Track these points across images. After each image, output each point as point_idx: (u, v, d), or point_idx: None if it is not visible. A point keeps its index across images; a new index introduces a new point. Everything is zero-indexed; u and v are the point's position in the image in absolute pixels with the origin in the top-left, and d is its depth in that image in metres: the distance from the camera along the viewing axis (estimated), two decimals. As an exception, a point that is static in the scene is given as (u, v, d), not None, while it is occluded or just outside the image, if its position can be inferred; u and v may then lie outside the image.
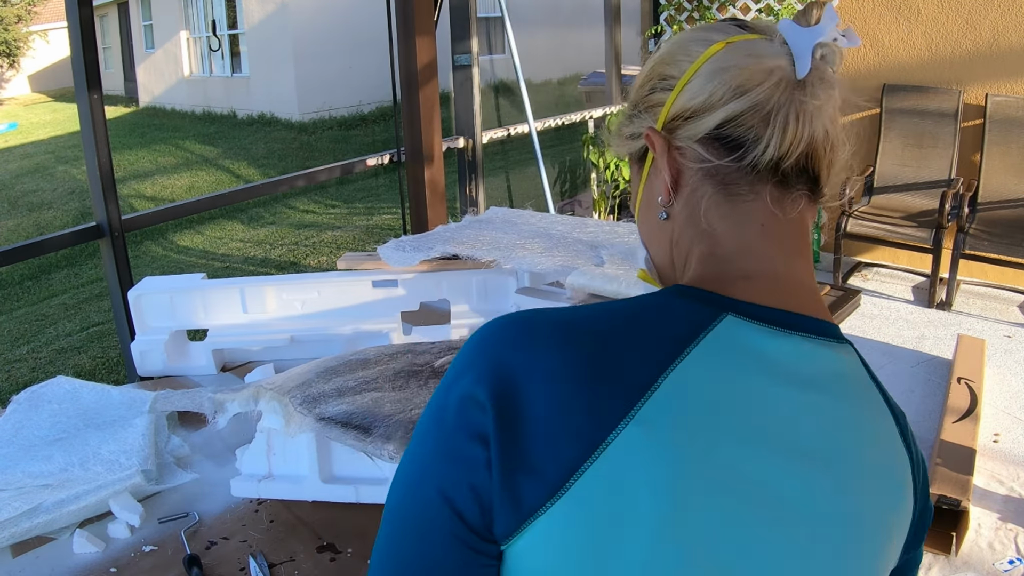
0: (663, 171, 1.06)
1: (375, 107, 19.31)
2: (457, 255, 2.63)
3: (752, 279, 1.01)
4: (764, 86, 0.98)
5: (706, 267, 1.04)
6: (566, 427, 0.87)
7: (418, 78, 5.17)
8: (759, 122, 0.99)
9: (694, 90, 1.02)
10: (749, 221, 1.03)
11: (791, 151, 0.99)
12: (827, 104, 1.02)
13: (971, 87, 6.41)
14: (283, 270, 8.88)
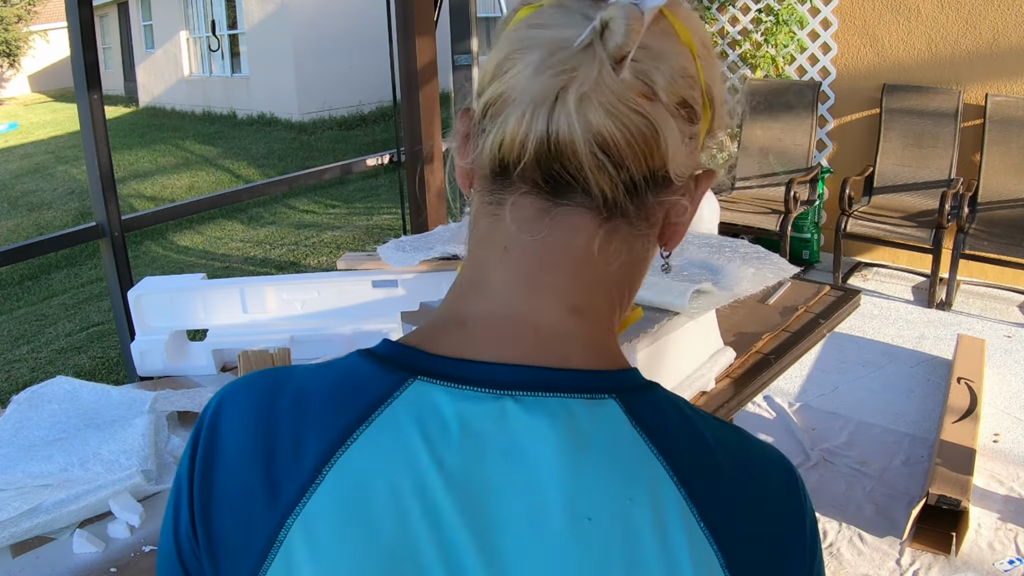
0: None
1: (375, 107, 19.29)
2: (457, 255, 2.63)
3: (467, 324, 0.83)
4: (515, 72, 0.77)
5: (437, 314, 0.86)
6: (245, 512, 0.78)
7: (418, 78, 5.17)
8: (492, 115, 0.79)
9: (481, 70, 0.83)
10: (492, 243, 0.83)
11: (515, 149, 0.76)
12: (598, 91, 0.73)
13: (971, 87, 6.41)
14: (283, 270, 8.88)
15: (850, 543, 3.59)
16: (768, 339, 2.76)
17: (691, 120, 0.80)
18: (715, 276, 2.23)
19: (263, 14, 19.48)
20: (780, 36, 7.09)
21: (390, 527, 0.72)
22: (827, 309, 3.02)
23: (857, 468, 4.14)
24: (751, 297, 2.72)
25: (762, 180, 7.10)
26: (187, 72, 23.43)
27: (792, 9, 7.01)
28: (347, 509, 0.73)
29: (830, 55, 7.02)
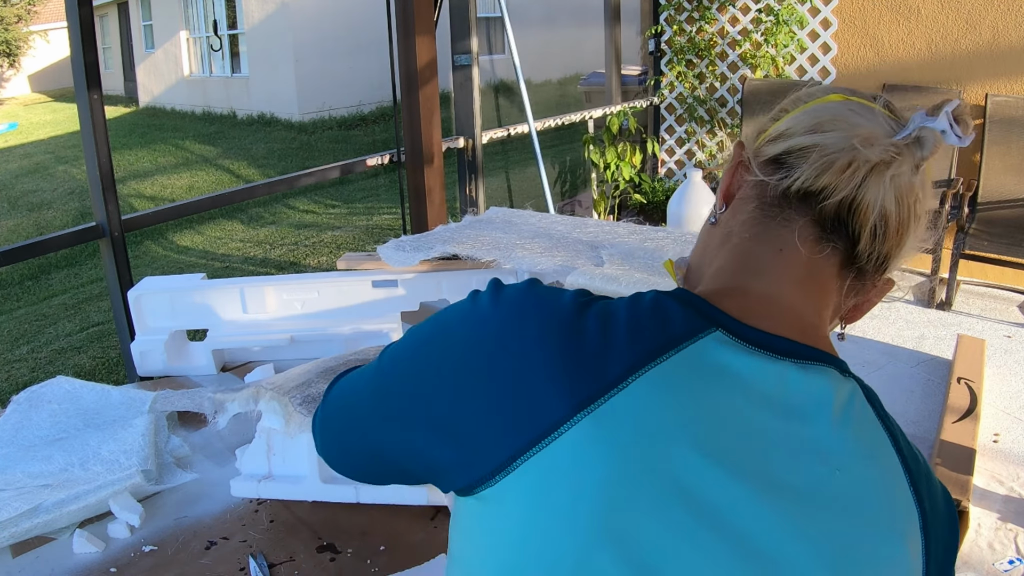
0: (724, 179, 1.14)
1: (375, 107, 19.32)
2: (457, 255, 2.64)
3: (750, 296, 1.03)
4: (837, 134, 1.00)
5: (717, 280, 1.07)
6: (530, 394, 0.89)
7: (418, 78, 5.17)
8: (814, 158, 1.00)
9: (788, 122, 1.07)
10: (770, 241, 1.05)
11: (825, 192, 0.99)
12: (899, 180, 1.00)
13: (971, 87, 6.41)
14: (283, 270, 8.88)
15: (850, 543, 3.59)
16: (768, 339, 2.76)
17: (928, 227, 1.09)
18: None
19: (263, 14, 19.50)
20: (780, 36, 7.09)
21: (665, 451, 0.87)
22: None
23: (857, 468, 4.14)
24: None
25: (762, 180, 7.11)
26: (187, 72, 23.45)
27: (792, 9, 7.01)
28: (637, 420, 0.88)
29: (830, 55, 7.02)
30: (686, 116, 8.07)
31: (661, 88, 8.19)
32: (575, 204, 8.58)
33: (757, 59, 7.33)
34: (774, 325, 0.99)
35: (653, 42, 8.13)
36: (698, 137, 8.04)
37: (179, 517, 1.94)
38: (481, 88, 6.24)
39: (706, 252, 1.15)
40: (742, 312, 0.99)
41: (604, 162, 7.61)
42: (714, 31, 7.65)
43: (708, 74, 7.82)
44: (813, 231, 1.02)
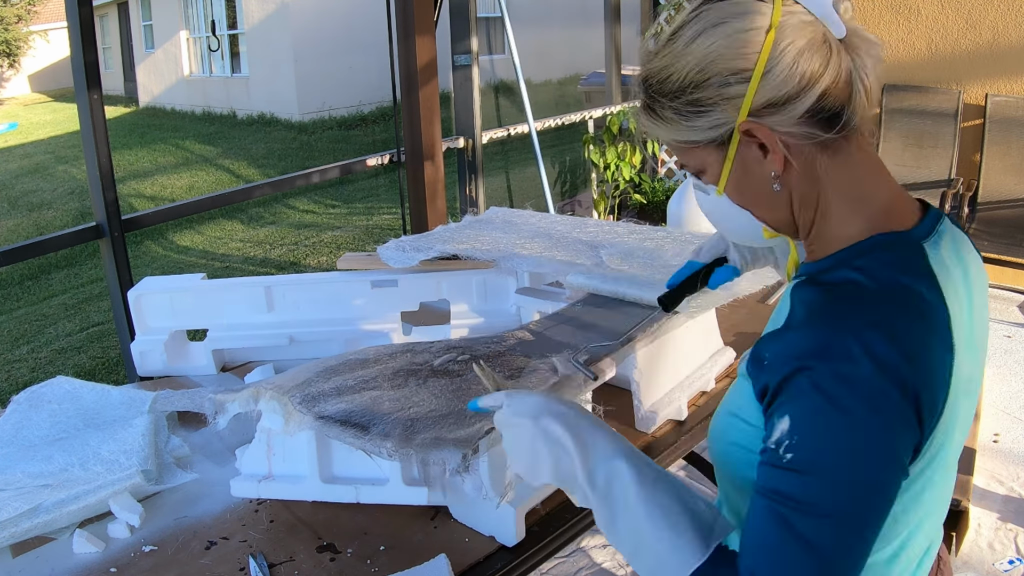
0: (774, 153, 1.19)
1: (375, 107, 19.32)
2: (457, 255, 2.64)
3: (894, 207, 1.25)
4: (832, 57, 1.14)
5: (863, 211, 1.24)
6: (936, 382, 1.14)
7: (418, 78, 5.17)
8: (842, 90, 1.16)
9: (780, 78, 1.14)
10: (851, 160, 1.22)
11: (871, 104, 1.18)
12: (873, 54, 1.18)
13: (971, 87, 6.42)
14: (283, 270, 8.88)
15: (850, 543, 3.59)
16: (768, 339, 2.77)
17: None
18: (715, 276, 2.23)
19: (263, 14, 19.49)
20: (780, 36, 7.08)
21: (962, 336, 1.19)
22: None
23: (857, 468, 4.14)
24: (751, 297, 2.73)
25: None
26: (187, 72, 23.45)
27: None
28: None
29: (830, 55, 7.02)
30: (686, 116, 8.05)
31: (661, 88, 8.18)
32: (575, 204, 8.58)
33: (757, 59, 7.32)
34: (915, 215, 1.27)
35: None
36: (698, 137, 8.03)
37: (179, 517, 1.94)
38: (481, 88, 6.24)
39: (796, 208, 1.26)
40: (905, 221, 1.24)
41: (604, 162, 7.61)
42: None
43: (708, 74, 7.81)
44: (856, 127, 1.20)
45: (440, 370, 1.88)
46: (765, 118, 1.16)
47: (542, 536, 1.83)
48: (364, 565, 1.74)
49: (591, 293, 2.26)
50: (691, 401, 2.33)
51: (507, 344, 1.98)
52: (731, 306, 2.49)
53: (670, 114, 1.23)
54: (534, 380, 1.77)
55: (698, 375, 2.37)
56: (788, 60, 1.12)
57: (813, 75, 1.13)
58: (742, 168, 1.23)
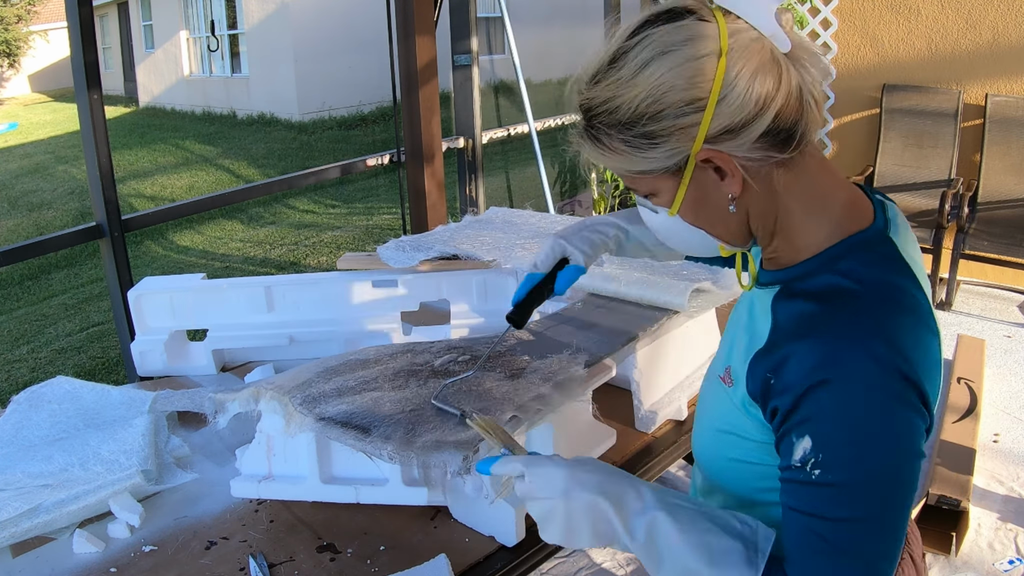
0: (732, 176, 1.19)
1: (375, 107, 19.32)
2: (457, 255, 2.64)
3: (853, 205, 1.26)
4: (783, 75, 1.13)
5: (827, 215, 1.24)
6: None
7: (418, 78, 5.17)
8: (795, 107, 1.15)
9: (736, 104, 1.12)
10: (807, 168, 1.23)
11: (821, 116, 1.19)
12: (819, 65, 1.18)
13: (971, 87, 6.42)
14: (283, 270, 8.88)
15: (850, 543, 3.59)
16: (768, 339, 2.77)
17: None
18: (714, 275, 2.23)
19: (263, 14, 19.50)
20: (780, 36, 7.09)
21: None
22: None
23: (857, 468, 4.14)
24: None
25: (762, 180, 7.11)
26: (187, 72, 23.45)
27: (792, 9, 7.00)
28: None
29: (830, 55, 7.02)
30: (686, 116, 8.07)
31: (661, 88, 8.20)
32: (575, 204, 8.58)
33: (757, 59, 7.33)
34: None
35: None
36: (698, 137, 8.04)
37: (179, 517, 1.94)
38: (481, 88, 6.24)
39: (755, 224, 1.27)
40: (861, 214, 1.26)
41: (604, 162, 7.60)
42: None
43: (708, 74, 7.82)
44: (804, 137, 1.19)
45: (441, 370, 1.88)
46: (722, 144, 1.15)
47: (542, 536, 1.83)
48: (364, 565, 1.74)
49: (591, 293, 2.26)
50: (691, 401, 2.33)
51: (508, 344, 1.98)
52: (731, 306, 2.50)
53: (620, 145, 1.21)
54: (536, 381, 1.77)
55: (698, 375, 2.38)
56: (742, 85, 1.11)
57: (767, 96, 1.12)
58: (697, 192, 1.23)
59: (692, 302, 2.07)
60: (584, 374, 1.82)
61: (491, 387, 1.75)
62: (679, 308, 2.07)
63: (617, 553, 3.57)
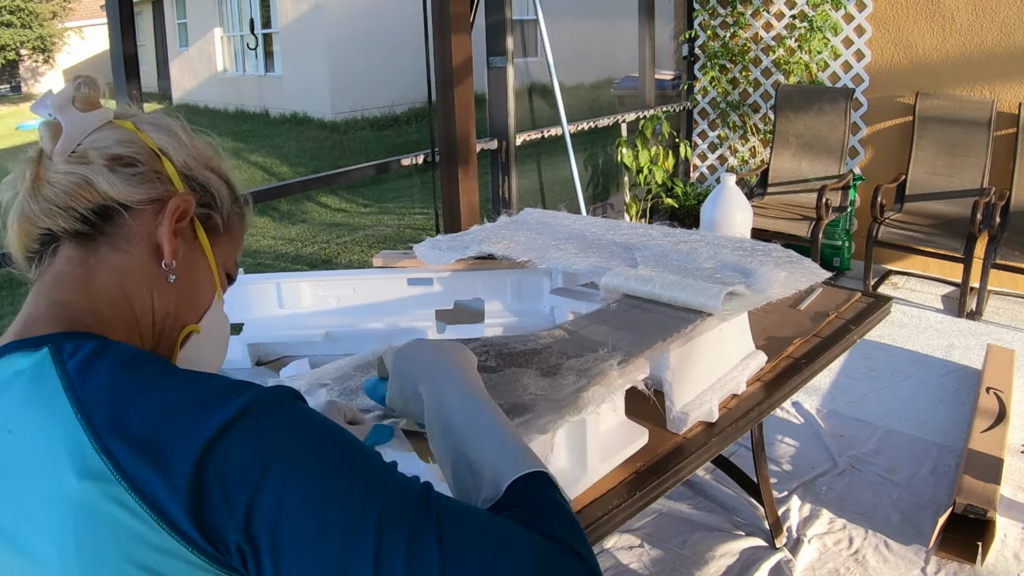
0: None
1: (407, 108, 19.36)
2: (492, 255, 2.66)
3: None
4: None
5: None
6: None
7: (453, 76, 5.19)
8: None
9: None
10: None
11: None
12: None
13: (1005, 95, 6.40)
14: (315, 267, 8.92)
15: (876, 550, 3.59)
16: (799, 344, 2.78)
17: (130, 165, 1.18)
18: (748, 279, 2.24)
19: (297, 13, 19.58)
20: (814, 42, 7.09)
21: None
22: (858, 316, 3.03)
23: (884, 476, 4.15)
24: (783, 301, 2.74)
25: (794, 186, 7.10)
26: (221, 70, 23.56)
27: (826, 15, 7.01)
28: None
29: (863, 62, 7.02)
30: (719, 121, 8.08)
31: (694, 92, 8.21)
32: (607, 207, 8.59)
33: (791, 65, 7.33)
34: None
35: (687, 47, 8.14)
36: (731, 142, 8.05)
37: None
38: (515, 89, 6.26)
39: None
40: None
41: (637, 165, 7.62)
42: (748, 36, 7.66)
43: (741, 79, 7.83)
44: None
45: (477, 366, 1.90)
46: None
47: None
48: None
49: (625, 294, 2.28)
50: (722, 404, 2.35)
51: (542, 342, 2.00)
52: (763, 310, 2.51)
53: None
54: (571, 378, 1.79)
55: (730, 378, 2.39)
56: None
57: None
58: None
59: (726, 305, 2.08)
60: (618, 373, 1.83)
61: (527, 383, 1.77)
62: (713, 310, 2.08)
63: (643, 555, 3.59)
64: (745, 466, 3.80)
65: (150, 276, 1.19)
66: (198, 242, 1.26)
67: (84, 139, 1.17)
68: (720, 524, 3.80)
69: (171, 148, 1.22)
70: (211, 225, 1.28)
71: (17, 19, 30.35)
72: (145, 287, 1.19)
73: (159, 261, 1.19)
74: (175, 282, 1.21)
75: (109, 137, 1.18)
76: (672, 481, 2.08)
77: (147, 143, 1.20)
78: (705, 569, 3.50)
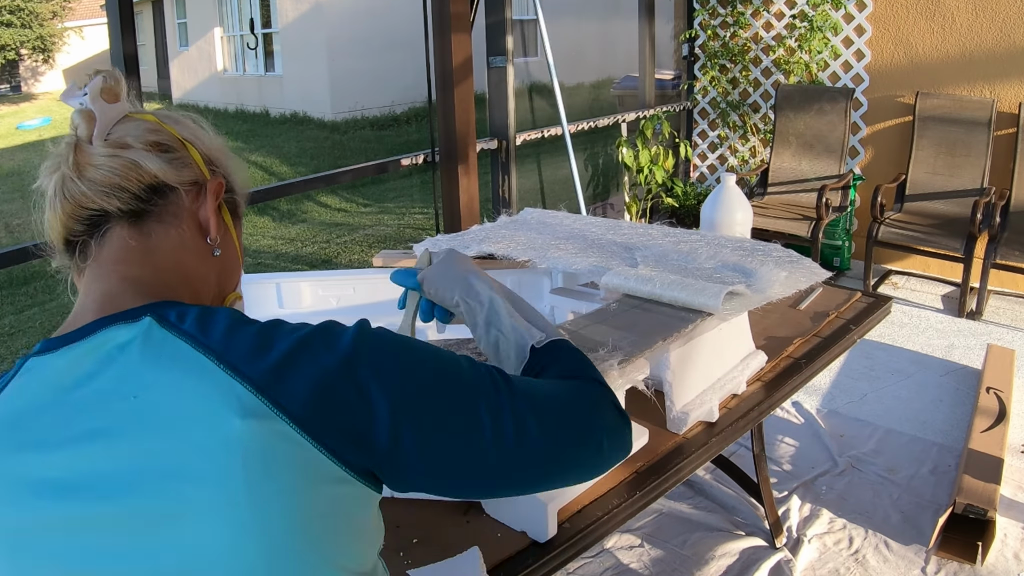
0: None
1: (407, 108, 19.36)
2: (492, 255, 2.65)
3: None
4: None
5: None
6: None
7: (453, 76, 5.18)
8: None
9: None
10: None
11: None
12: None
13: (1005, 95, 6.40)
14: (315, 267, 8.91)
15: (876, 550, 3.59)
16: (799, 344, 2.78)
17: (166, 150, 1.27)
18: (748, 279, 2.24)
19: (297, 13, 19.59)
20: (814, 42, 7.09)
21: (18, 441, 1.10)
22: (858, 315, 3.03)
23: (884, 476, 4.15)
24: (783, 301, 2.74)
25: (794, 186, 7.10)
26: (221, 69, 23.56)
27: (826, 15, 7.00)
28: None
29: (864, 62, 7.02)
30: (719, 121, 8.08)
31: (694, 92, 8.21)
32: (607, 207, 8.58)
33: (791, 65, 7.33)
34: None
35: (687, 47, 8.13)
36: (731, 142, 8.04)
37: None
38: (515, 89, 6.26)
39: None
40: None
41: (637, 165, 7.61)
42: (748, 36, 7.66)
43: (741, 79, 7.83)
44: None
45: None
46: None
47: (573, 532, 1.84)
48: (396, 557, 1.76)
49: (626, 294, 2.28)
50: (722, 403, 2.35)
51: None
52: (763, 310, 2.51)
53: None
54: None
55: (730, 377, 2.39)
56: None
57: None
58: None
59: (726, 305, 2.08)
60: (618, 372, 1.83)
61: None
62: (713, 310, 2.08)
63: (643, 555, 3.58)
64: (745, 466, 3.80)
65: (200, 250, 1.29)
66: (225, 221, 1.36)
67: (112, 128, 1.23)
68: (720, 524, 3.80)
69: (194, 138, 1.34)
70: (234, 206, 1.40)
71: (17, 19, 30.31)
72: (199, 259, 1.29)
73: (204, 236, 1.30)
74: (218, 255, 1.33)
75: (139, 127, 1.25)
76: (672, 481, 2.08)
77: (173, 133, 1.30)
78: (705, 569, 3.50)
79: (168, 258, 1.24)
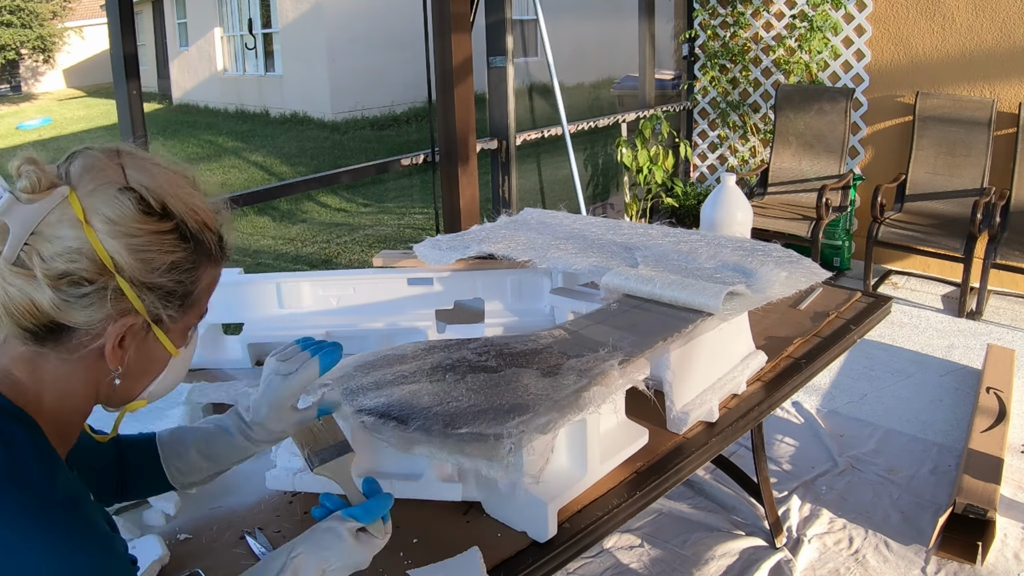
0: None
1: (407, 108, 19.36)
2: (492, 255, 2.65)
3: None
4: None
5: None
6: None
7: (453, 76, 5.18)
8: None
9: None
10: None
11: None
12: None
13: (1005, 95, 6.39)
14: (315, 267, 8.91)
15: (876, 550, 3.59)
16: (799, 344, 2.78)
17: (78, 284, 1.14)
18: (748, 279, 2.24)
19: (297, 13, 19.59)
20: (814, 42, 7.08)
21: None
22: (858, 315, 3.03)
23: (885, 476, 4.14)
24: (783, 301, 2.74)
25: (794, 186, 7.10)
26: (221, 69, 23.56)
27: (826, 15, 7.00)
28: None
29: (863, 62, 7.01)
30: (719, 121, 8.08)
31: (694, 92, 8.21)
32: (607, 207, 8.58)
33: (791, 65, 7.33)
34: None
35: (687, 47, 8.13)
36: (731, 142, 8.04)
37: (214, 507, 1.97)
38: (515, 89, 6.26)
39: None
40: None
41: (637, 165, 7.61)
42: (748, 36, 7.65)
43: (741, 79, 7.83)
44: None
45: (478, 365, 1.89)
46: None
47: (573, 532, 1.84)
48: (396, 557, 1.76)
49: (626, 295, 2.28)
50: (722, 403, 2.35)
51: (543, 342, 2.00)
52: (763, 310, 2.51)
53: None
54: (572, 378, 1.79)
55: (730, 377, 2.38)
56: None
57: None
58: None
59: (726, 305, 2.08)
60: (619, 372, 1.83)
61: (528, 383, 1.77)
62: (713, 310, 2.08)
63: (643, 555, 3.58)
64: (745, 466, 3.80)
65: (96, 374, 1.24)
66: (152, 334, 1.26)
67: (35, 227, 1.14)
68: (720, 524, 3.79)
69: (123, 255, 1.16)
70: (164, 321, 1.26)
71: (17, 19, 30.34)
72: (91, 385, 1.24)
73: (106, 362, 1.22)
74: (121, 374, 1.25)
75: (58, 242, 1.13)
76: (672, 481, 2.08)
77: (97, 251, 1.15)
78: (705, 569, 3.49)
79: (52, 379, 1.20)
